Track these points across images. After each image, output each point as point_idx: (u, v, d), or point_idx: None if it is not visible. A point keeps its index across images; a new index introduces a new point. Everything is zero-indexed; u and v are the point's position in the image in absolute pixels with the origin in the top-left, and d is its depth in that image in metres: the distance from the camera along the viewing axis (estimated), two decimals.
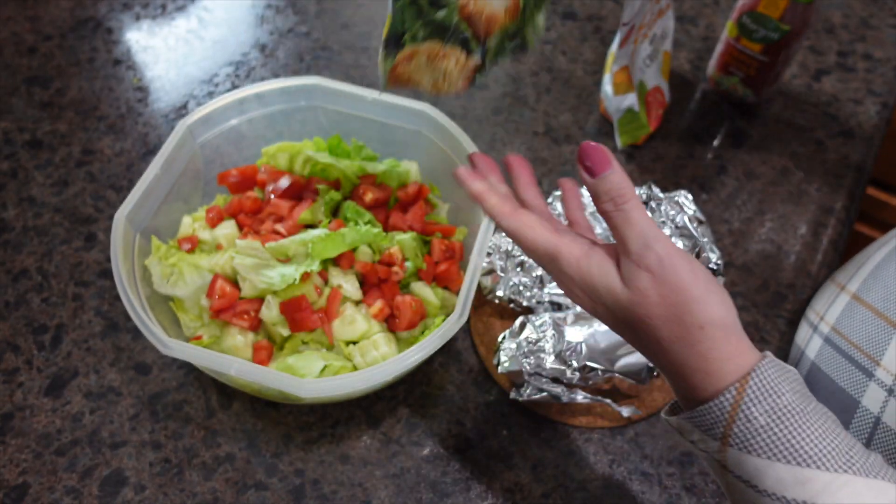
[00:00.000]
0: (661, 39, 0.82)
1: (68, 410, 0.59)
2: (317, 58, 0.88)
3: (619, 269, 0.40)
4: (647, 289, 0.38)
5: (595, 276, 0.40)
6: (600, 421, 0.60)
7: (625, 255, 0.39)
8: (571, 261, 0.42)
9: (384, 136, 0.68)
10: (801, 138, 0.83)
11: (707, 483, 0.58)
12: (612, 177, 0.39)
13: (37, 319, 0.64)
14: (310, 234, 0.59)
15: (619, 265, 0.40)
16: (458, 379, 0.63)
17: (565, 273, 0.42)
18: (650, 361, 0.42)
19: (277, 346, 0.59)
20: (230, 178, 0.65)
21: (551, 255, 0.42)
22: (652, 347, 0.39)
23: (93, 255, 0.68)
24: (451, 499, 0.56)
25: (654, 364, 0.41)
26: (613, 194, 0.39)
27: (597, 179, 0.40)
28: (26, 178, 0.74)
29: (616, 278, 0.40)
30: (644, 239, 0.38)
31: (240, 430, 0.59)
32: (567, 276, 0.42)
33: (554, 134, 0.82)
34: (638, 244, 0.38)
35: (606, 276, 0.40)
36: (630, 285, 0.39)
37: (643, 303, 0.38)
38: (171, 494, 0.55)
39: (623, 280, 0.39)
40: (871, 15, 0.98)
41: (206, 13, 0.93)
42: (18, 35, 0.88)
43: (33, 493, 0.54)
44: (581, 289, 0.42)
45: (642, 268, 0.38)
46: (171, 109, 0.81)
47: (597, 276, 0.40)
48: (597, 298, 0.41)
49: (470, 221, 0.64)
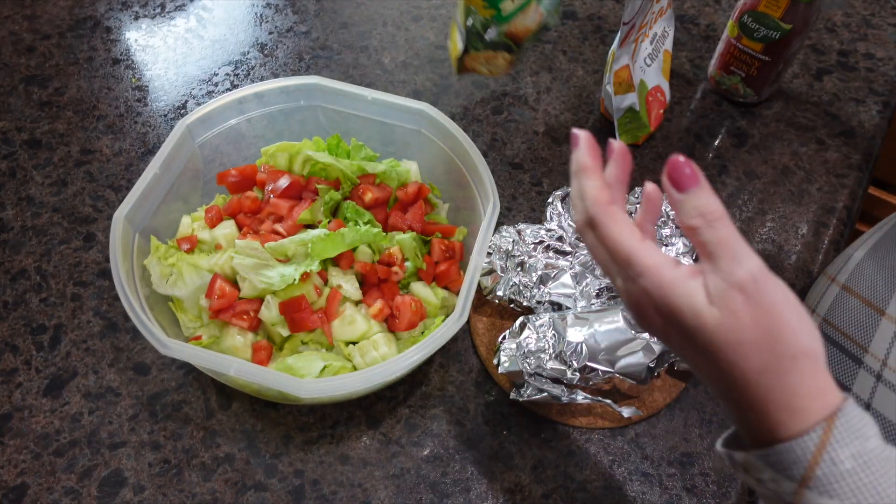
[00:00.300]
0: (662, 39, 0.82)
1: (67, 411, 0.59)
2: (316, 57, 0.88)
3: (705, 288, 0.36)
4: (739, 311, 0.35)
5: (679, 292, 0.36)
6: (600, 421, 0.60)
7: (714, 273, 0.36)
8: (653, 271, 0.37)
9: (384, 136, 0.68)
10: (803, 138, 0.83)
11: (707, 484, 0.58)
12: (703, 193, 0.37)
13: (35, 320, 0.64)
14: (309, 234, 0.58)
15: (706, 284, 0.36)
16: (458, 379, 0.62)
17: (640, 284, 0.37)
18: (719, 394, 0.38)
19: (277, 347, 0.59)
20: (229, 177, 0.65)
21: (630, 260, 0.38)
22: (730, 378, 0.36)
23: (92, 255, 0.68)
24: (451, 499, 0.56)
25: (722, 397, 0.37)
26: (703, 210, 0.36)
27: (686, 194, 0.37)
28: (25, 178, 0.74)
29: (703, 297, 0.36)
30: (737, 256, 0.35)
31: (239, 431, 0.58)
32: (641, 288, 0.37)
33: (554, 134, 0.82)
34: (730, 261, 0.35)
35: (692, 294, 0.36)
36: (719, 305, 0.35)
37: (734, 326, 0.35)
38: (171, 495, 0.55)
39: (710, 300, 0.36)
40: (872, 14, 0.98)
41: (205, 12, 0.93)
42: (17, 34, 0.87)
43: (32, 493, 0.54)
44: (657, 305, 0.37)
45: (734, 287, 0.35)
46: (171, 109, 0.81)
47: (681, 292, 0.36)
48: (674, 318, 0.37)
49: (470, 221, 0.64)
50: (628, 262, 0.38)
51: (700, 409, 0.62)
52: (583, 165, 0.41)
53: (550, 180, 0.77)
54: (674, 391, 0.62)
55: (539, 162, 0.79)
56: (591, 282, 0.62)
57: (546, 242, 0.64)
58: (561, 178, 0.77)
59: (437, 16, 0.94)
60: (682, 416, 0.62)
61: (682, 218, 0.37)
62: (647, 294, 0.37)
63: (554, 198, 0.68)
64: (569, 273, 0.62)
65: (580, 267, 0.63)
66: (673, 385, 0.62)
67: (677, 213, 0.38)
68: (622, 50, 0.75)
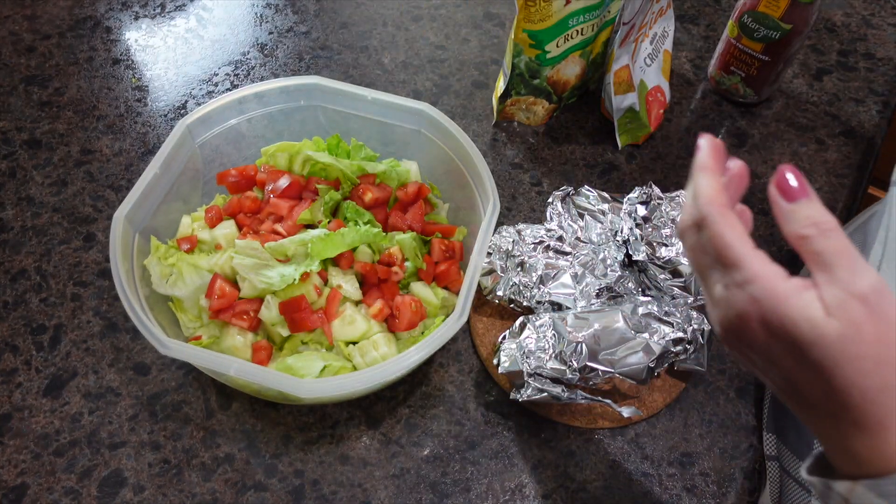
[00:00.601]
0: (662, 39, 0.82)
1: (67, 411, 0.59)
2: (316, 57, 0.88)
3: (821, 300, 0.34)
4: (861, 322, 0.32)
5: (793, 302, 0.34)
6: (600, 421, 0.60)
7: (830, 284, 0.34)
8: (765, 279, 0.34)
9: (384, 136, 0.68)
10: (803, 138, 0.83)
11: (707, 484, 0.58)
12: (814, 203, 0.36)
13: (35, 320, 0.64)
14: (309, 234, 0.58)
15: (821, 296, 0.34)
16: (458, 379, 0.62)
17: (748, 292, 0.35)
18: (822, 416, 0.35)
19: (277, 347, 0.58)
20: (229, 177, 0.65)
21: (741, 264, 0.35)
22: (844, 397, 0.33)
23: (91, 255, 0.68)
24: (451, 499, 0.56)
25: (828, 419, 0.34)
26: (817, 219, 0.35)
27: (798, 203, 0.36)
28: (25, 178, 0.74)
29: (819, 309, 0.33)
30: (855, 267, 0.33)
31: (239, 431, 0.58)
32: (749, 297, 0.35)
33: (554, 134, 0.82)
34: (849, 272, 0.33)
35: (808, 305, 0.33)
36: (839, 317, 0.33)
37: (855, 339, 0.32)
38: (171, 495, 0.55)
39: (828, 311, 0.33)
40: (872, 14, 0.98)
41: (205, 12, 0.93)
42: (17, 34, 0.87)
43: (32, 493, 0.54)
44: (765, 316, 0.34)
45: (855, 298, 0.33)
46: (171, 109, 0.81)
47: (795, 303, 0.34)
48: (784, 331, 0.34)
49: (470, 221, 0.64)
50: (737, 266, 0.35)
51: (700, 409, 0.62)
52: (703, 164, 0.39)
53: (550, 180, 0.77)
54: (674, 391, 0.62)
55: (539, 162, 0.79)
56: (591, 282, 0.62)
57: (546, 242, 0.64)
58: (561, 178, 0.77)
59: (437, 16, 0.94)
60: (682, 416, 0.62)
61: (793, 227, 0.35)
62: (756, 303, 0.35)
63: (554, 198, 0.68)
64: (569, 273, 0.62)
65: (580, 267, 0.63)
66: (673, 385, 0.62)
67: (785, 223, 0.36)
68: (622, 50, 0.75)
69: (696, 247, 0.39)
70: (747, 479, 0.59)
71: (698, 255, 0.38)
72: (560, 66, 0.76)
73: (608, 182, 0.77)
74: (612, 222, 0.66)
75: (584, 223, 0.66)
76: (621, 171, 0.79)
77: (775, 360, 0.35)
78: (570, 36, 0.73)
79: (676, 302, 0.61)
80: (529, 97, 0.79)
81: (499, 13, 0.95)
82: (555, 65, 0.76)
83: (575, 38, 0.73)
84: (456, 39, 0.91)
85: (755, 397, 0.63)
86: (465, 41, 0.91)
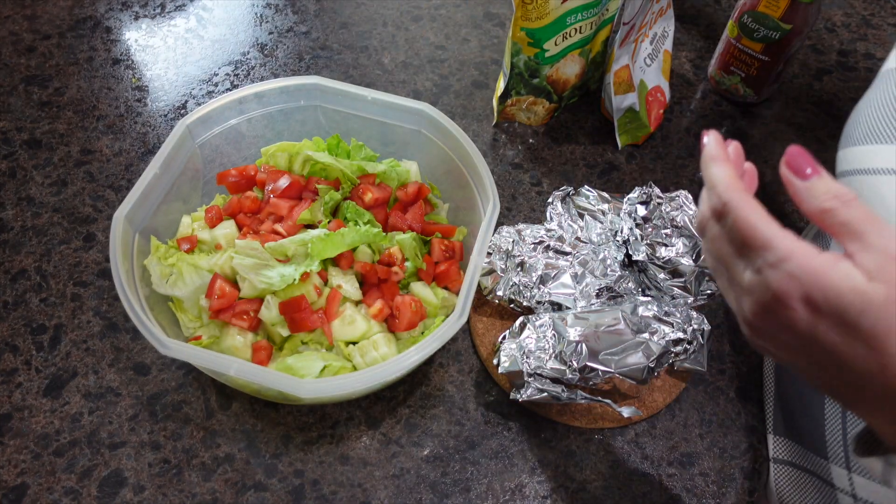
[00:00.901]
0: (662, 39, 0.82)
1: (67, 411, 0.59)
2: (316, 57, 0.88)
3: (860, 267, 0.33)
4: None
5: (833, 274, 0.33)
6: (600, 421, 0.60)
7: (865, 250, 0.33)
8: (801, 254, 0.34)
9: (384, 136, 0.68)
10: (803, 138, 0.83)
11: (707, 484, 0.58)
12: (827, 177, 0.36)
13: (35, 320, 0.64)
14: (309, 234, 0.58)
15: (860, 263, 0.33)
16: (458, 379, 0.62)
17: (785, 270, 0.34)
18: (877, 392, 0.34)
19: (277, 347, 0.58)
20: (229, 177, 0.65)
21: (772, 244, 0.35)
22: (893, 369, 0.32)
23: (91, 255, 0.68)
24: (451, 499, 0.56)
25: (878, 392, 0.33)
26: (836, 191, 0.35)
27: (814, 179, 0.36)
28: (25, 178, 0.74)
29: (860, 276, 0.33)
30: (883, 231, 0.33)
31: (239, 431, 0.58)
32: (786, 274, 0.34)
33: (554, 134, 0.82)
34: (879, 235, 0.33)
35: (849, 274, 0.33)
36: (882, 279, 0.32)
37: None
38: (171, 495, 0.55)
39: (870, 276, 0.33)
40: (872, 14, 0.98)
41: (205, 12, 0.93)
42: (17, 34, 0.87)
43: (32, 493, 0.54)
44: (807, 292, 0.33)
45: (893, 258, 0.32)
46: (171, 109, 0.81)
47: (835, 274, 0.33)
48: (830, 304, 0.33)
49: (470, 221, 0.64)
50: (768, 247, 0.35)
51: (700, 409, 0.62)
52: (713, 155, 0.39)
53: (550, 180, 0.77)
54: (674, 391, 0.62)
55: (539, 162, 0.79)
56: (591, 282, 0.62)
57: (546, 242, 0.64)
58: (561, 178, 0.77)
59: (437, 16, 0.94)
60: (682, 416, 0.62)
61: (814, 203, 0.35)
62: (795, 280, 0.34)
63: (554, 198, 0.68)
64: (569, 273, 0.62)
65: (580, 267, 0.63)
66: (673, 385, 0.62)
67: (803, 201, 0.36)
68: (622, 50, 0.75)
69: (717, 237, 0.38)
70: (747, 479, 0.59)
71: (720, 245, 0.38)
72: (559, 64, 0.76)
73: (608, 182, 0.77)
74: (612, 222, 0.66)
75: (584, 223, 0.66)
76: (621, 171, 0.79)
77: (819, 338, 0.34)
78: (568, 34, 0.73)
79: (676, 302, 0.61)
80: (530, 97, 0.79)
81: (499, 13, 0.95)
82: (554, 63, 0.76)
83: (573, 36, 0.73)
84: (456, 39, 0.91)
85: (755, 397, 0.63)
86: (465, 41, 0.91)
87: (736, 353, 0.66)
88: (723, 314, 0.68)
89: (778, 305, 0.34)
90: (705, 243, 0.40)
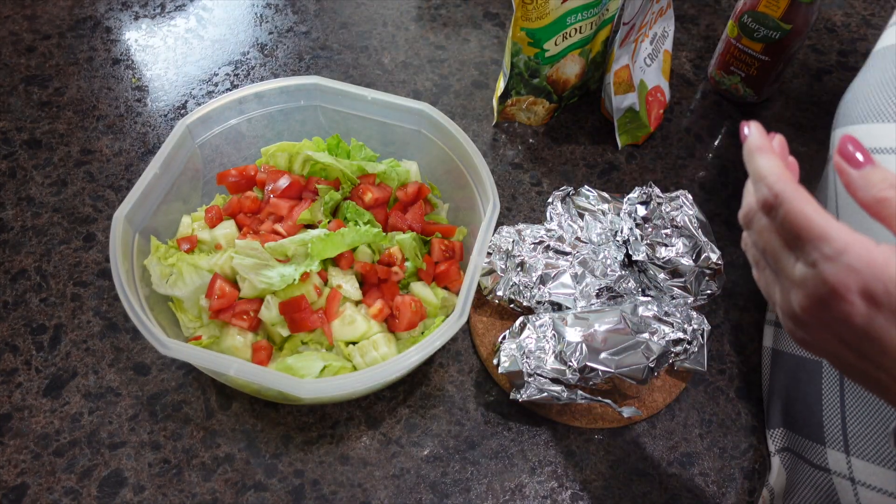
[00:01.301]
0: (662, 39, 0.82)
1: (67, 411, 0.59)
2: (316, 57, 0.88)
3: None
4: None
5: (894, 266, 0.32)
6: (600, 421, 0.60)
7: None
8: (859, 246, 0.33)
9: (384, 136, 0.68)
10: (803, 138, 0.83)
11: (707, 484, 0.58)
12: (881, 167, 0.35)
13: (35, 320, 0.64)
14: (309, 234, 0.58)
15: None
16: (458, 379, 0.62)
17: (844, 262, 0.33)
18: None
19: (277, 347, 0.58)
20: (229, 177, 0.65)
21: (828, 236, 0.34)
22: None
23: (91, 255, 0.68)
24: (451, 499, 0.56)
25: None
26: (893, 180, 0.34)
27: (868, 168, 0.35)
28: (25, 178, 0.74)
29: None
30: None
31: (239, 431, 0.58)
32: (845, 266, 0.33)
33: (554, 134, 0.82)
34: None
35: None
36: None
37: None
38: (171, 495, 0.55)
39: None
40: (872, 14, 0.98)
41: (205, 12, 0.93)
42: (17, 34, 0.87)
43: (32, 493, 0.54)
44: (866, 283, 0.32)
45: None
46: (171, 109, 0.81)
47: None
48: (890, 297, 0.32)
49: (470, 221, 0.64)
50: (824, 239, 0.34)
51: (700, 409, 0.62)
52: (758, 145, 0.38)
53: (550, 180, 0.77)
54: (674, 391, 0.62)
55: (539, 162, 0.79)
56: (591, 282, 0.62)
57: (546, 242, 0.64)
58: (561, 178, 0.77)
59: (437, 16, 0.94)
60: (682, 416, 0.62)
61: (870, 192, 0.35)
62: (854, 272, 0.33)
63: (554, 198, 0.68)
64: (569, 273, 0.62)
65: (580, 267, 0.63)
66: (673, 385, 0.62)
67: (858, 190, 0.35)
68: (622, 50, 0.75)
69: (765, 229, 0.37)
70: (747, 479, 0.59)
71: (769, 237, 0.37)
72: (559, 64, 0.76)
73: (608, 182, 0.77)
74: (612, 222, 0.66)
75: (584, 223, 0.66)
76: (621, 171, 0.79)
77: (875, 332, 0.33)
78: (568, 34, 0.73)
79: (676, 302, 0.61)
80: (530, 97, 0.79)
81: (498, 13, 0.95)
82: (554, 63, 0.76)
83: (573, 36, 0.73)
84: (456, 39, 0.91)
85: (755, 397, 0.63)
86: (465, 41, 0.91)
87: (736, 353, 0.66)
88: (723, 314, 0.68)
89: (834, 299, 0.33)
90: (751, 235, 0.39)
